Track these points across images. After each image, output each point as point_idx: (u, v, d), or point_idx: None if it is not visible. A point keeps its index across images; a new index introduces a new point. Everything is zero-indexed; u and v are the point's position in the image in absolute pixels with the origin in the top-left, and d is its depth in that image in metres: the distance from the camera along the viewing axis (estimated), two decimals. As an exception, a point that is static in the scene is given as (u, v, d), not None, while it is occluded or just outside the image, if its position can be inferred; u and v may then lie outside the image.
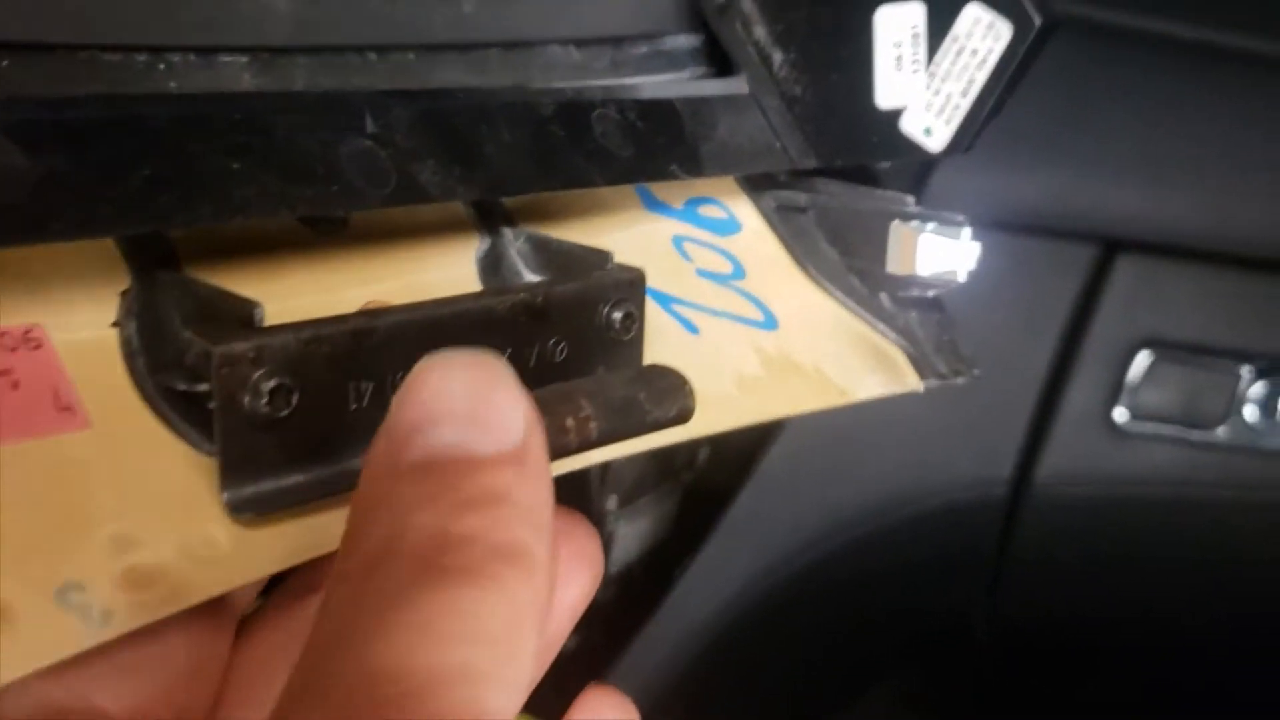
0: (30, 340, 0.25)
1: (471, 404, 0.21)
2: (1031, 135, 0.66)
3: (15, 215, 0.23)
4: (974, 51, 0.35)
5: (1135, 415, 0.72)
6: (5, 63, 0.28)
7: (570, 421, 0.25)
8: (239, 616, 0.30)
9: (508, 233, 0.34)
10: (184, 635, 0.27)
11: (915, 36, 0.36)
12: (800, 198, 0.40)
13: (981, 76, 0.35)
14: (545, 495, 0.21)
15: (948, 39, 0.36)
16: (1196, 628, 0.82)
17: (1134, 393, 0.71)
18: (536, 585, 0.20)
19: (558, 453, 0.25)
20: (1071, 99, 0.66)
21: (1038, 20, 0.34)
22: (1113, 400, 0.72)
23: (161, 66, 0.31)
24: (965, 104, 0.36)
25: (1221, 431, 0.72)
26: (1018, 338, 0.72)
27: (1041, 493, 0.73)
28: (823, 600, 0.77)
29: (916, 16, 0.36)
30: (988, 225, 0.67)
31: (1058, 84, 0.65)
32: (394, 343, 0.27)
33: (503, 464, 0.20)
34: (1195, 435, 0.72)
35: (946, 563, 0.79)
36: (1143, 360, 0.71)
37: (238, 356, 0.24)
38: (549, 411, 0.24)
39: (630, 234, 0.37)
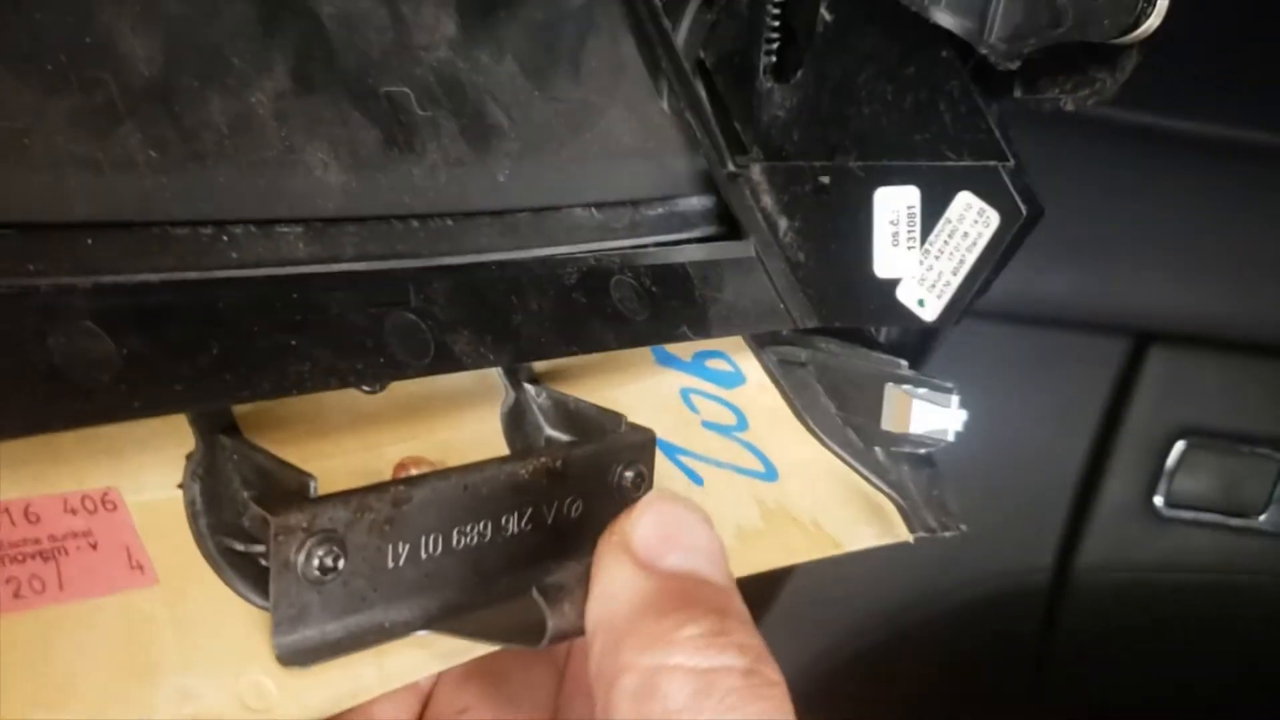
0: (107, 503, 0.28)
1: (713, 548, 0.27)
2: (1063, 231, 0.68)
3: (103, 396, 0.26)
4: (965, 234, 0.38)
5: (1174, 503, 0.73)
6: (89, 241, 0.31)
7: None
8: None
9: (530, 389, 0.37)
10: None
11: (911, 215, 0.40)
12: (801, 353, 0.43)
13: (971, 258, 0.38)
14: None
15: (941, 220, 0.39)
16: (1239, 712, 0.82)
17: (1172, 481, 0.72)
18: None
19: (580, 632, 0.28)
20: (1102, 195, 0.68)
21: (1025, 211, 0.37)
22: (1151, 488, 0.72)
23: (225, 238, 0.34)
24: (955, 281, 0.39)
25: (1263, 519, 0.73)
26: (1055, 428, 0.73)
27: (1083, 579, 0.74)
28: (869, 689, 0.78)
29: (912, 198, 0.39)
30: (1023, 320, 0.69)
31: (1089, 181, 0.66)
32: (428, 507, 0.30)
33: (733, 593, 0.26)
34: (1235, 522, 0.73)
35: (991, 649, 0.79)
36: (1180, 449, 0.72)
37: (292, 526, 0.27)
38: (570, 597, 0.27)
39: (641, 387, 0.40)
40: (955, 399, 0.39)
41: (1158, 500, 0.74)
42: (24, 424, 0.25)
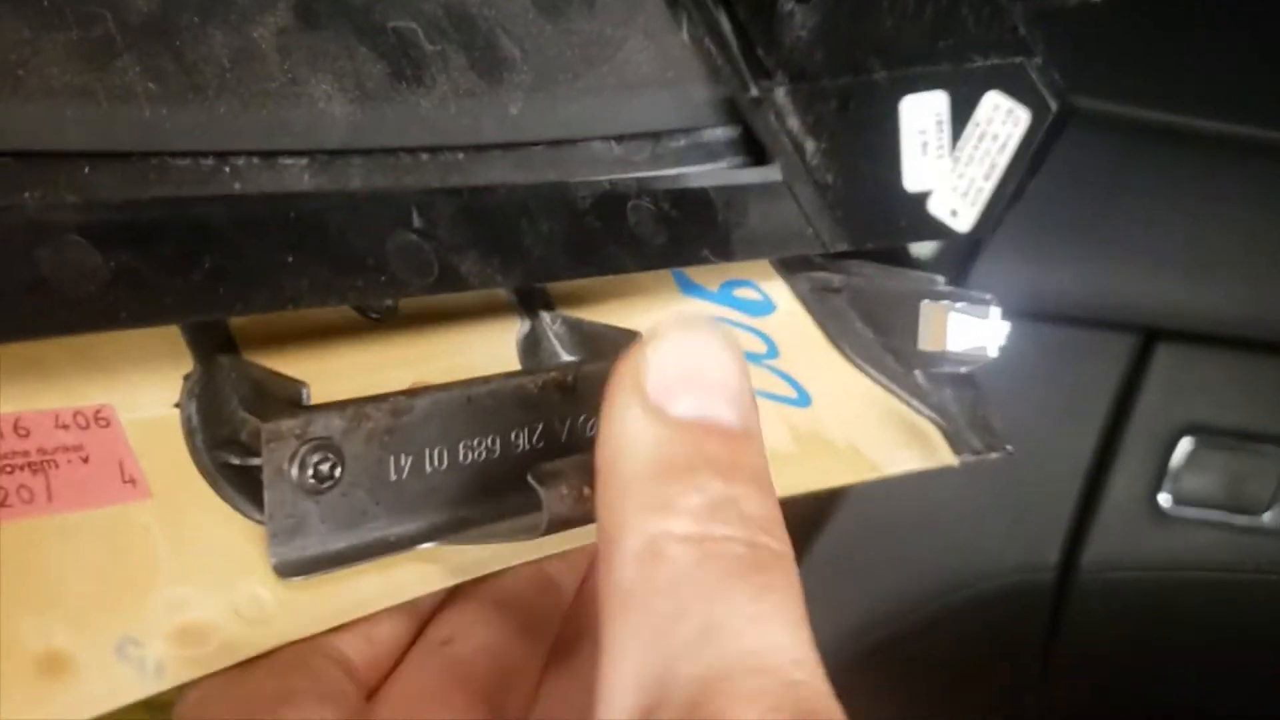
0: (100, 419, 0.27)
1: (734, 386, 0.25)
2: (1072, 228, 0.67)
3: (90, 306, 0.26)
4: (995, 136, 0.37)
5: (1180, 501, 0.72)
6: (86, 169, 0.31)
7: (587, 490, 0.27)
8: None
9: (545, 316, 0.36)
10: None
11: (939, 123, 0.38)
12: (834, 279, 0.41)
13: (1003, 160, 0.36)
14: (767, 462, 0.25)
15: (970, 125, 0.37)
16: (1244, 710, 0.80)
17: (1178, 478, 0.72)
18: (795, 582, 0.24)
19: (580, 519, 0.26)
20: (1111, 192, 0.68)
21: (1054, 106, 0.35)
22: (1157, 486, 0.72)
23: (226, 170, 0.34)
24: (989, 187, 0.37)
25: (1268, 517, 0.71)
26: (1061, 425, 0.73)
27: (1088, 577, 0.73)
28: (871, 687, 0.77)
29: (940, 104, 0.38)
30: (1030, 316, 0.69)
31: (1097, 177, 0.66)
32: (431, 419, 0.29)
33: (752, 443, 0.25)
34: (1241, 520, 0.72)
35: (996, 647, 0.78)
36: (1185, 446, 0.71)
37: (284, 431, 0.26)
38: (569, 482, 0.26)
39: (665, 315, 0.39)
40: (995, 310, 0.37)
41: (1163, 498, 0.73)
42: (10, 331, 0.25)
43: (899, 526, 0.72)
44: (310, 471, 0.26)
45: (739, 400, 0.25)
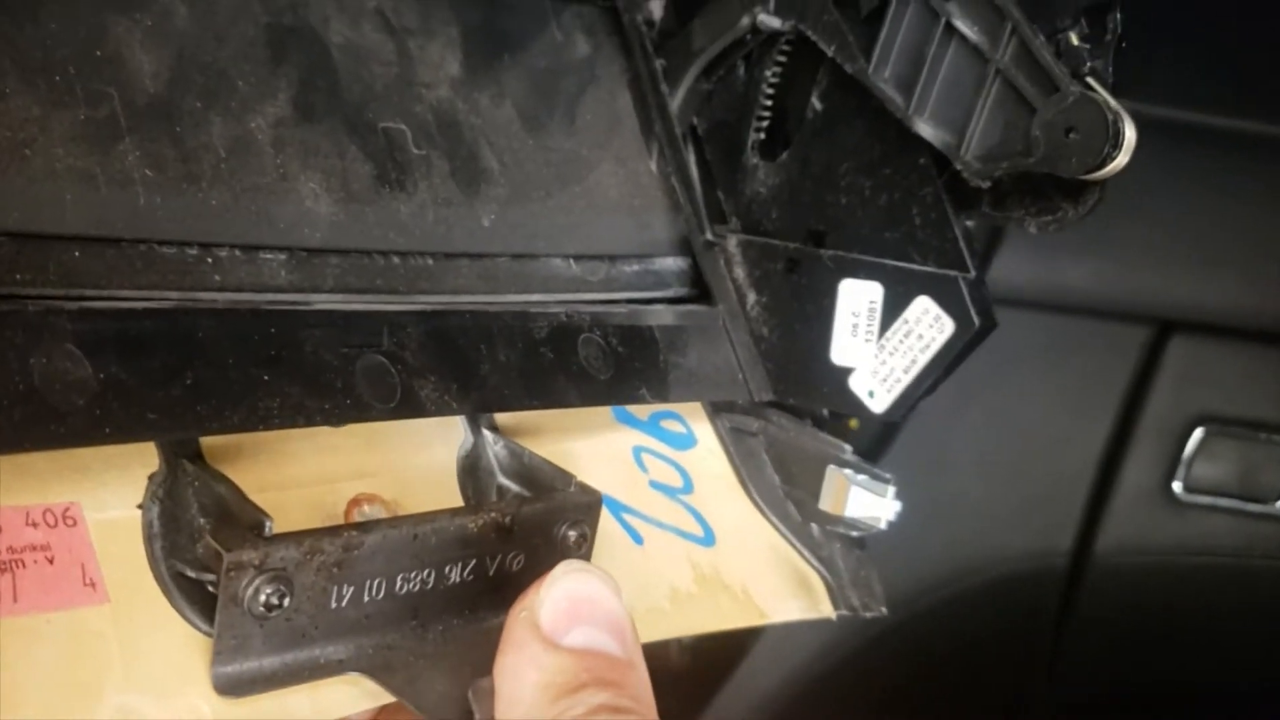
0: (68, 519, 0.29)
1: (617, 619, 0.28)
2: (1087, 221, 0.69)
3: (77, 420, 0.27)
4: (919, 336, 0.40)
5: (1193, 489, 0.74)
6: (77, 253, 0.32)
7: None
8: None
9: (489, 436, 0.38)
10: None
11: (872, 310, 0.41)
12: (754, 424, 0.44)
13: (924, 359, 0.40)
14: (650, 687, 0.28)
15: (899, 319, 0.41)
16: (1256, 695, 0.83)
17: (1191, 467, 0.74)
18: None
19: None
20: (1126, 187, 0.69)
21: (977, 323, 0.39)
22: (1170, 474, 0.74)
23: (209, 260, 0.35)
24: (906, 379, 0.41)
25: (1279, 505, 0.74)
26: (1076, 414, 0.75)
27: (1102, 563, 0.76)
28: (889, 669, 0.79)
29: (875, 294, 0.41)
30: (1047, 308, 0.70)
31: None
32: (377, 554, 0.31)
33: (634, 667, 0.28)
34: (1252, 508, 0.74)
35: (1010, 631, 0.80)
36: (1199, 436, 0.74)
37: (244, 563, 0.28)
38: None
39: (596, 441, 0.41)
40: (892, 489, 0.41)
41: (1176, 486, 0.75)
42: (2, 442, 0.26)
43: (914, 513, 0.73)
44: (262, 599, 0.28)
45: (623, 633, 0.28)
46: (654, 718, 0.27)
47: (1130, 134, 0.37)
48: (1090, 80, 0.38)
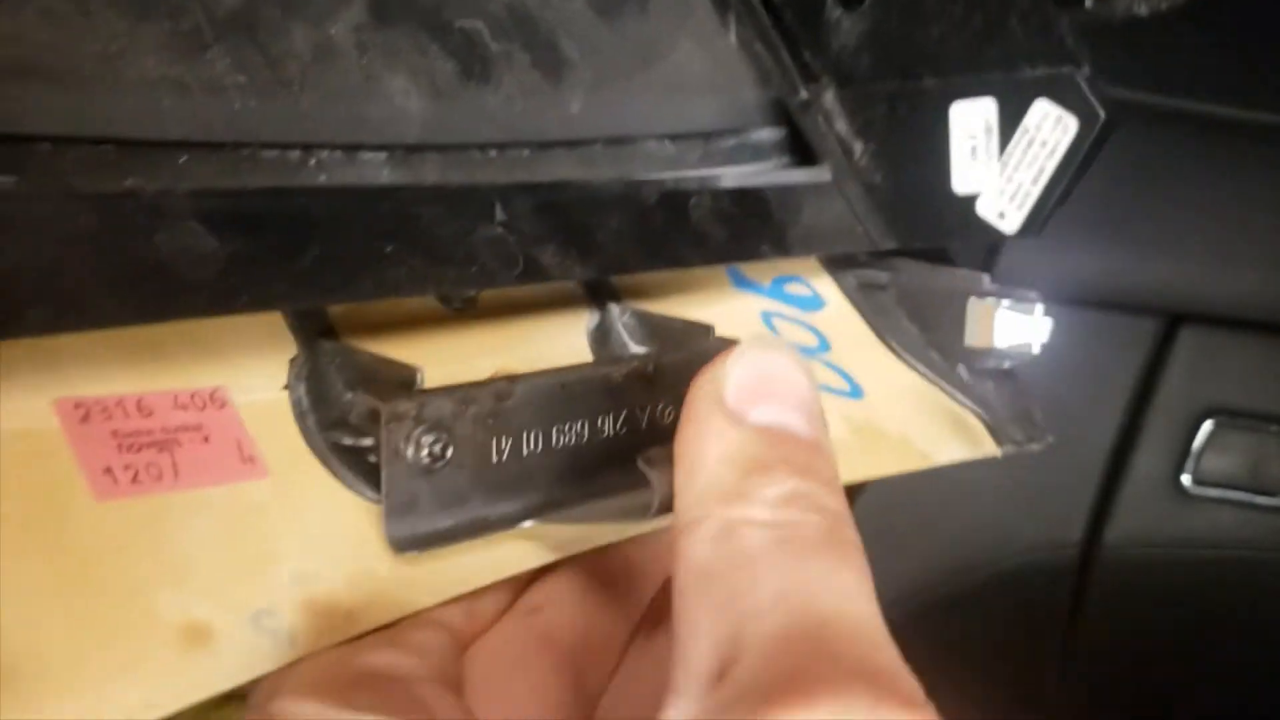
0: (216, 400, 0.28)
1: (806, 398, 0.26)
2: (1096, 213, 0.69)
3: (208, 291, 0.27)
4: (1043, 143, 0.38)
5: (1202, 481, 0.74)
6: (184, 158, 0.32)
7: None
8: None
9: (614, 309, 0.37)
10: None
11: (988, 129, 0.39)
12: (881, 276, 0.43)
13: (1051, 165, 0.38)
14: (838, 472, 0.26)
15: (1019, 131, 0.39)
16: (1266, 687, 0.82)
17: (1200, 459, 0.73)
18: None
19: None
20: (1135, 178, 0.69)
21: (1102, 115, 0.37)
22: (1180, 467, 0.73)
23: (312, 162, 0.35)
24: (1036, 191, 0.39)
25: None
26: (1085, 407, 0.74)
27: (1111, 555, 0.75)
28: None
29: (989, 110, 0.39)
30: (1055, 299, 0.70)
31: (1122, 164, 0.67)
32: (528, 404, 0.30)
33: (824, 451, 0.26)
34: (1262, 500, 0.74)
35: (1019, 623, 0.80)
36: (1208, 428, 0.73)
37: (403, 413, 0.27)
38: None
39: (722, 310, 0.40)
40: (1039, 307, 0.39)
41: (1185, 478, 0.75)
42: (137, 314, 0.26)
43: (922, 504, 0.73)
44: (425, 452, 0.27)
45: (811, 414, 0.26)
46: (843, 503, 0.25)
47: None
48: None
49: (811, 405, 0.26)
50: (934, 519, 0.74)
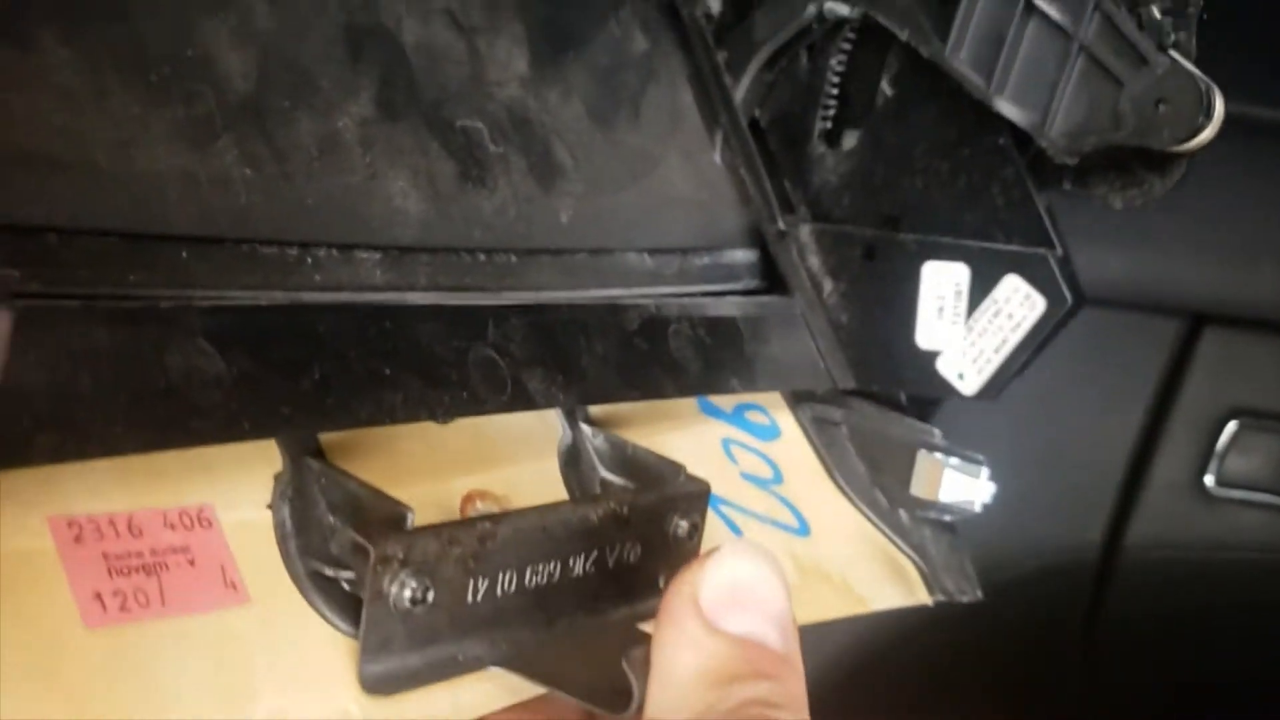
0: (203, 520, 0.28)
1: (779, 610, 0.27)
2: (1121, 214, 0.69)
3: (216, 415, 0.27)
4: (1009, 315, 0.40)
5: (1225, 482, 0.74)
6: (184, 254, 0.32)
7: None
8: None
9: (586, 430, 0.38)
10: None
11: (958, 292, 0.41)
12: (836, 413, 0.44)
13: (1015, 338, 0.40)
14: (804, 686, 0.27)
15: (988, 300, 0.41)
16: None
17: (1223, 460, 0.73)
18: None
19: None
20: None
21: (1070, 300, 0.39)
22: (1202, 468, 0.74)
23: (309, 260, 0.35)
24: (997, 359, 0.40)
25: None
26: (1108, 407, 0.74)
27: (1132, 557, 0.75)
28: (921, 663, 0.78)
29: (961, 275, 0.41)
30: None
31: None
32: (509, 545, 0.30)
33: (791, 664, 0.27)
34: None
35: (1039, 625, 0.79)
36: (1231, 429, 0.73)
37: (390, 556, 0.27)
38: None
39: (687, 435, 0.41)
40: (985, 471, 0.40)
41: (1208, 480, 0.75)
42: (145, 440, 0.25)
43: None
44: (408, 593, 0.28)
45: (784, 627, 0.27)
46: (806, 718, 0.27)
47: (1220, 104, 0.37)
48: (1173, 53, 0.38)
49: (784, 617, 0.27)
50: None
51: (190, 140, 0.33)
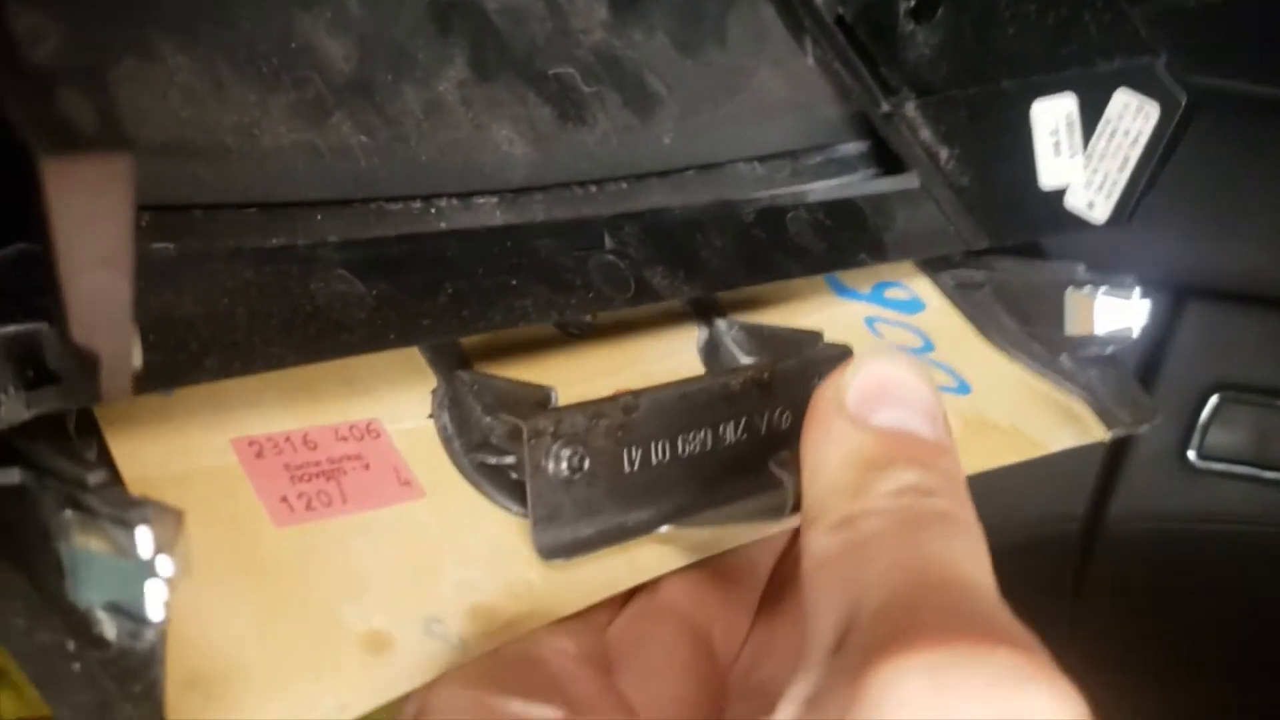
0: (372, 431, 0.30)
1: (927, 402, 0.27)
2: None
3: (361, 330, 0.29)
4: (1126, 132, 0.39)
5: (1208, 456, 0.73)
6: (318, 216, 0.35)
7: None
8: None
9: (721, 324, 0.39)
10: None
11: (1070, 124, 0.40)
12: (977, 275, 0.44)
13: (1135, 153, 0.39)
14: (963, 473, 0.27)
15: (1101, 122, 0.40)
16: (1271, 661, 0.80)
17: (1206, 434, 0.72)
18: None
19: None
20: None
21: (1183, 99, 0.38)
22: (1185, 442, 0.73)
23: (432, 210, 0.37)
24: (1123, 179, 0.40)
25: None
26: None
27: (1115, 529, 0.74)
28: None
29: (1070, 106, 0.40)
30: None
31: None
32: (653, 416, 0.32)
33: (945, 450, 0.27)
34: (1268, 475, 0.73)
35: (1022, 597, 0.79)
36: (1214, 403, 0.72)
37: (543, 429, 0.29)
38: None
39: (826, 317, 0.42)
40: (1137, 290, 0.39)
41: (1191, 453, 0.73)
42: (300, 355, 0.28)
43: None
44: (564, 464, 0.29)
45: (934, 417, 0.27)
46: (966, 503, 0.26)
47: None
48: None
49: (933, 409, 0.27)
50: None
51: (306, 118, 0.36)
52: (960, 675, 0.21)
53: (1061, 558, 0.77)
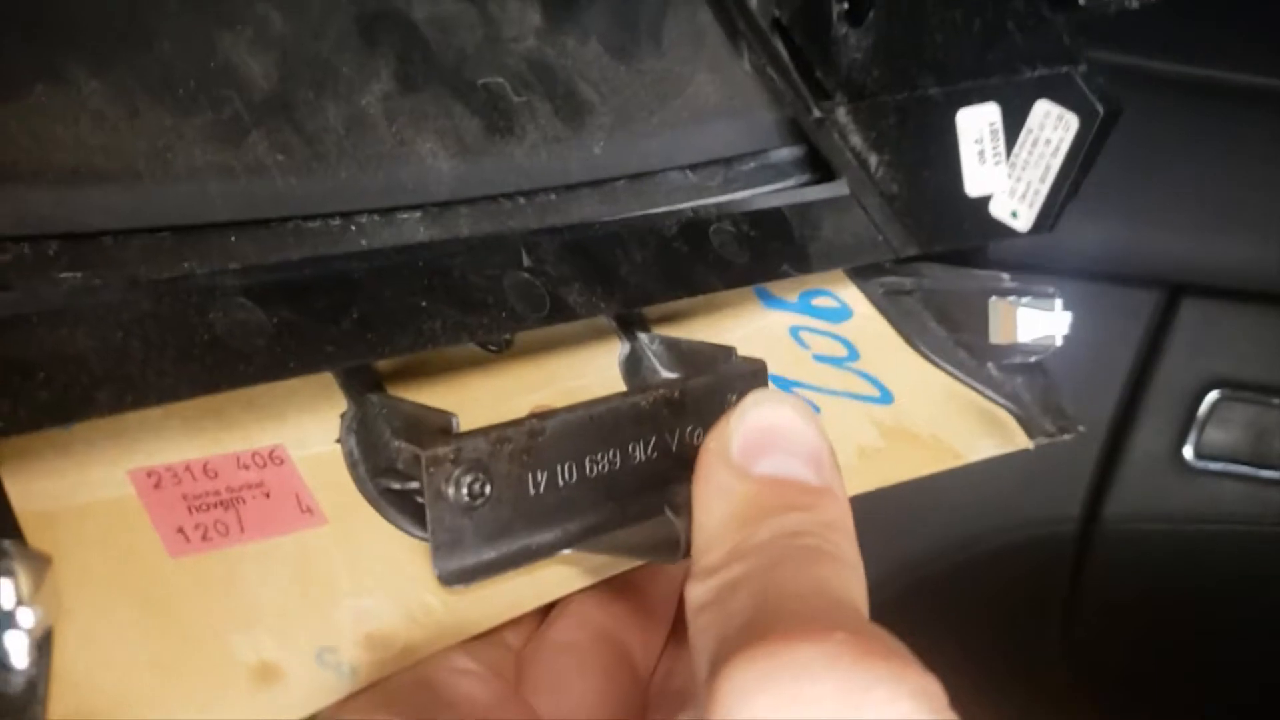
0: (275, 458, 0.31)
1: (810, 446, 0.27)
2: (1096, 184, 0.68)
3: (261, 359, 0.29)
4: (1047, 141, 0.39)
5: (1204, 454, 0.73)
6: (233, 238, 0.35)
7: None
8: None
9: (643, 337, 0.39)
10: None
11: (994, 132, 0.41)
12: (905, 282, 0.44)
13: (1056, 163, 0.39)
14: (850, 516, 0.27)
15: (1023, 132, 0.40)
16: (1267, 660, 0.81)
17: (1202, 433, 0.72)
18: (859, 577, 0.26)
19: None
20: (1135, 147, 0.68)
21: (1101, 110, 0.38)
22: (1181, 439, 0.73)
23: (353, 228, 0.37)
24: (1044, 188, 0.40)
25: None
26: (1086, 380, 0.73)
27: (1111, 529, 0.74)
28: (901, 635, 0.78)
29: (993, 114, 0.41)
30: (1056, 272, 0.69)
31: (1120, 132, 0.67)
32: (561, 438, 0.32)
33: (831, 495, 0.27)
34: (1265, 474, 0.73)
35: (1019, 598, 0.79)
36: (1210, 400, 0.73)
37: (441, 458, 0.29)
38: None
39: (751, 329, 0.42)
40: (1058, 302, 0.40)
41: (1187, 451, 0.74)
42: (196, 387, 0.28)
43: (923, 479, 0.74)
44: (465, 491, 0.30)
45: (818, 461, 0.27)
46: (848, 549, 0.26)
47: None
48: None
49: (818, 452, 0.27)
50: (935, 493, 0.74)
51: (222, 139, 0.36)
52: (798, 663, 0.21)
53: (1057, 557, 0.78)
